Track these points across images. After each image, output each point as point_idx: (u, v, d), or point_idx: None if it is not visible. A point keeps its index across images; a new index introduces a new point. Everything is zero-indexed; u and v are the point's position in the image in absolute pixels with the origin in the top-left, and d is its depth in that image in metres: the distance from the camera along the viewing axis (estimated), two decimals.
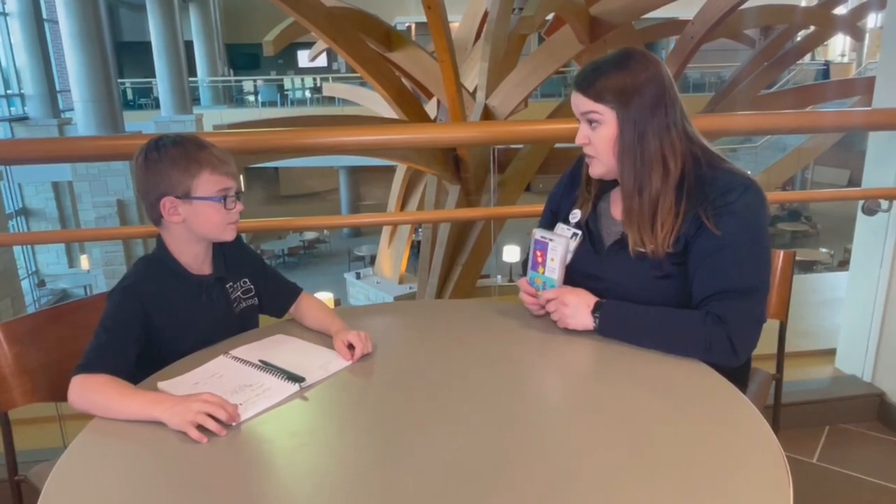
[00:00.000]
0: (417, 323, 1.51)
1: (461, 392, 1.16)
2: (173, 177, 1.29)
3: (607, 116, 1.27)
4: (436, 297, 7.46)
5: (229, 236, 1.36)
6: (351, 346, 1.27)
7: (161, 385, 1.18)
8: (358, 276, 12.60)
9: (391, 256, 12.00)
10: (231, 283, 1.42)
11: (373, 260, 13.48)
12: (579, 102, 1.30)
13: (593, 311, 1.28)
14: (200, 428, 1.01)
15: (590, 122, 1.30)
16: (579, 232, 1.40)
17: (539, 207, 1.57)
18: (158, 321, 1.29)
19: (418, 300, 7.43)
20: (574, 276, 1.37)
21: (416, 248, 12.82)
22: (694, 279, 1.27)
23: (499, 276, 11.67)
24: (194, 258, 1.37)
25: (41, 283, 13.15)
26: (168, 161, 1.29)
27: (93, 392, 1.12)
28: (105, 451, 1.03)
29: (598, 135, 1.29)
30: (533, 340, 1.33)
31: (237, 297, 1.42)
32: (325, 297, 10.12)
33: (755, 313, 1.24)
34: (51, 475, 0.93)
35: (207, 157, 1.30)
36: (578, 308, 1.29)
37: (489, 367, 1.25)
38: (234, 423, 1.04)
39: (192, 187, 1.29)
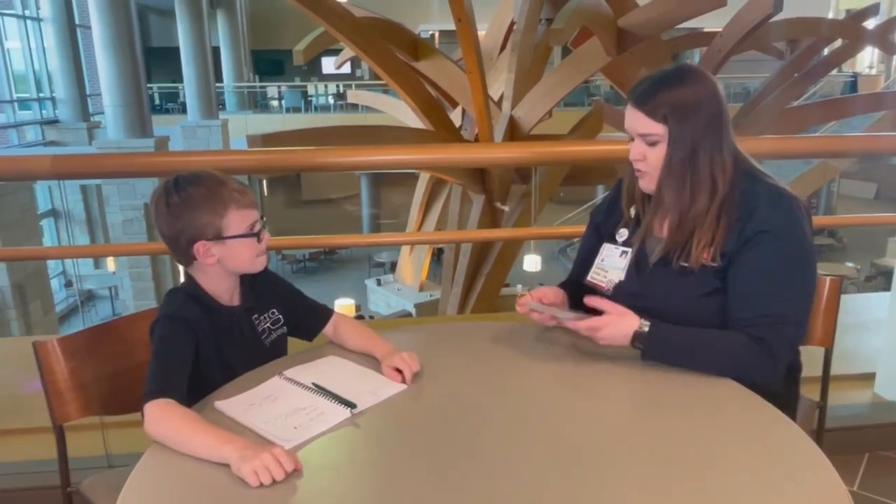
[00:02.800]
0: (463, 345, 1.50)
1: (514, 420, 1.17)
2: (202, 220, 1.27)
3: (664, 135, 1.26)
4: (459, 308, 7.47)
5: (260, 267, 1.37)
6: (398, 370, 1.28)
7: (218, 405, 1.20)
8: (379, 283, 12.63)
9: (412, 263, 12.03)
10: (257, 315, 1.41)
11: (393, 266, 13.52)
12: (636, 121, 1.29)
13: (634, 341, 1.25)
14: None
15: (646, 140, 1.29)
16: (628, 250, 1.40)
17: (560, 230, 1.58)
18: (202, 349, 1.30)
19: (462, 318, 7.42)
20: (619, 295, 1.37)
21: (436, 254, 12.84)
22: (735, 296, 1.27)
23: (519, 286, 11.65)
24: (226, 291, 1.37)
25: (69, 284, 13.34)
26: (192, 205, 1.27)
27: (165, 424, 1.10)
28: (172, 472, 1.05)
29: (655, 153, 1.28)
30: (575, 362, 1.32)
31: (266, 328, 1.42)
32: (347, 303, 10.15)
33: (797, 336, 1.27)
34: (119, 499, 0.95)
35: (230, 193, 1.29)
36: (615, 339, 1.26)
37: (541, 392, 1.26)
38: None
39: (222, 227, 1.29)
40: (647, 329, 1.25)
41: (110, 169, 2.20)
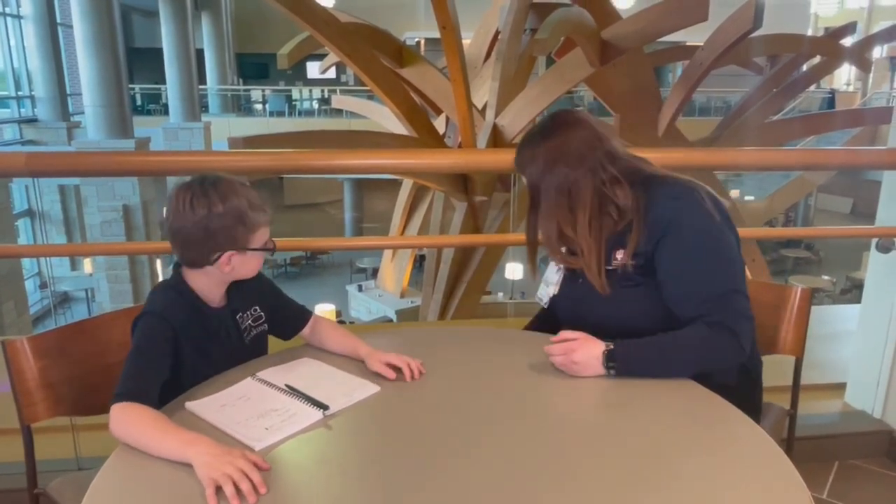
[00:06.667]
0: (438, 349, 1.51)
1: (484, 423, 1.17)
2: (238, 233, 1.29)
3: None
4: (440, 314, 7.47)
5: (255, 273, 1.38)
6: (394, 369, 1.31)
7: (189, 405, 1.19)
8: (360, 289, 12.59)
9: (394, 270, 12.00)
10: (241, 314, 1.41)
11: (375, 272, 13.48)
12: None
13: (605, 362, 1.27)
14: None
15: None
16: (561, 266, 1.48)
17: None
18: (183, 350, 1.29)
19: (440, 323, 7.43)
20: (562, 301, 1.46)
21: (418, 261, 12.82)
22: (674, 296, 1.31)
23: (500, 294, 11.66)
24: (217, 295, 1.37)
25: (43, 286, 13.14)
26: (233, 218, 1.27)
27: (131, 425, 1.09)
28: (139, 473, 1.04)
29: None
30: (548, 368, 1.32)
31: (247, 325, 1.42)
32: (327, 308, 10.10)
33: (744, 309, 1.31)
34: (84, 501, 0.94)
35: (257, 211, 1.31)
36: (588, 363, 1.27)
37: (511, 397, 1.26)
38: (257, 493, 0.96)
39: (249, 241, 1.31)
40: (613, 347, 1.27)
41: (86, 167, 2.17)
